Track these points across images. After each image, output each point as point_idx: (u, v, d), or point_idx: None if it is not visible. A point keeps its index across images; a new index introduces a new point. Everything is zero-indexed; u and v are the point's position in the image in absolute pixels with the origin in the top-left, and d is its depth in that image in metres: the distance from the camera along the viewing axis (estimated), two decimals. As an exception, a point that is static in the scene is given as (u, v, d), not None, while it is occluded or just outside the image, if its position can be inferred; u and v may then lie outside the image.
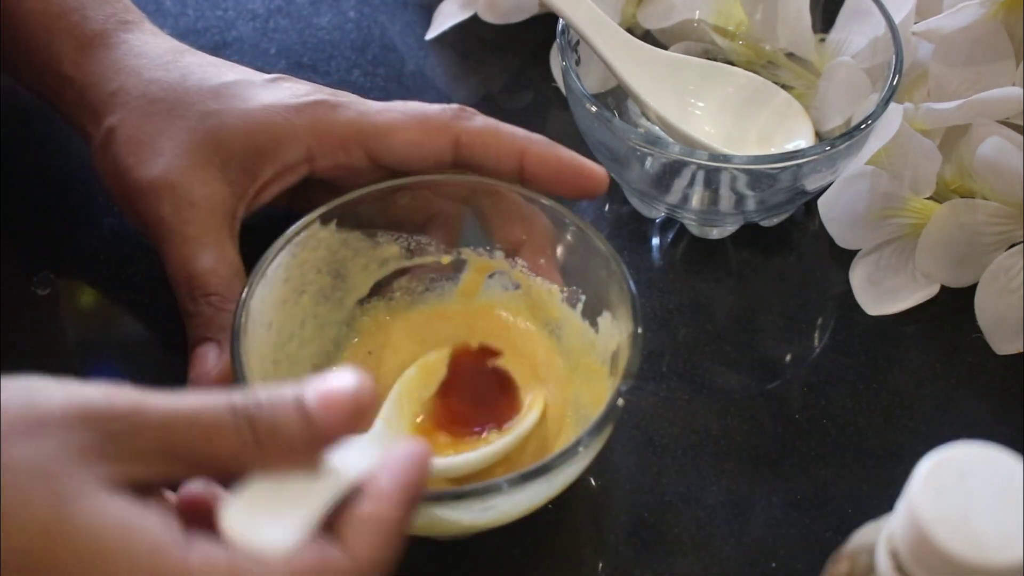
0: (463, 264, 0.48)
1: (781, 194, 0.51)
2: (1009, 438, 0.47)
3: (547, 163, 0.45)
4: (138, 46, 0.48)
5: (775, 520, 0.46)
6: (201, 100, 0.46)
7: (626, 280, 0.43)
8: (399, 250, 0.47)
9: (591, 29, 0.51)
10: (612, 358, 0.44)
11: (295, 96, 0.46)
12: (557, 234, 0.46)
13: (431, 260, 0.48)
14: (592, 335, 0.45)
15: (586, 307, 0.46)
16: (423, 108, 0.46)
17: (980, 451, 0.30)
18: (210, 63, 0.48)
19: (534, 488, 0.39)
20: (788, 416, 0.49)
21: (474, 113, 0.46)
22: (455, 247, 0.47)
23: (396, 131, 0.45)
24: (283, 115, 0.45)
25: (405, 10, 0.65)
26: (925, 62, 0.54)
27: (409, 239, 0.47)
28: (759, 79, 0.55)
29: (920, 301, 0.53)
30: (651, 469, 0.48)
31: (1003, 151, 0.49)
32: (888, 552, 0.31)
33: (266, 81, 0.47)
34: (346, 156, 0.45)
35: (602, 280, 0.44)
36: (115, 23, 0.49)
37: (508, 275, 0.47)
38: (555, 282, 0.46)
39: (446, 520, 0.39)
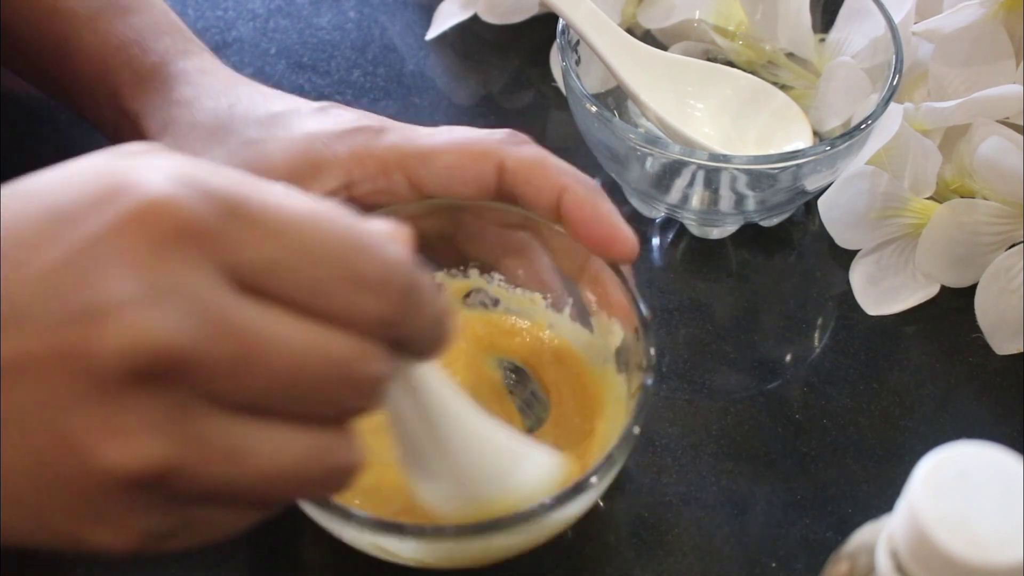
0: (440, 288, 0.47)
1: (781, 194, 0.51)
2: (1009, 438, 0.48)
3: (582, 208, 0.42)
4: (194, 76, 0.48)
5: (775, 520, 0.46)
6: (245, 128, 0.45)
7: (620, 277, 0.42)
8: None
9: (591, 29, 0.51)
10: (617, 355, 0.43)
11: (339, 123, 0.45)
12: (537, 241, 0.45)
13: None
14: (587, 336, 0.45)
15: (574, 309, 0.46)
16: (469, 132, 0.44)
17: (980, 451, 0.30)
18: (261, 93, 0.47)
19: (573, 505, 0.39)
20: (788, 416, 0.49)
21: (526, 140, 0.44)
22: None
23: (438, 155, 0.43)
24: (324, 141, 0.44)
25: (405, 10, 0.65)
26: (925, 62, 0.54)
27: None
28: (758, 81, 0.55)
29: (920, 301, 0.53)
30: (651, 469, 0.48)
31: (1003, 151, 0.49)
32: (888, 552, 0.31)
33: (314, 110, 0.46)
34: (387, 181, 0.44)
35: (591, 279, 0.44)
36: (173, 54, 0.49)
37: (486, 292, 0.47)
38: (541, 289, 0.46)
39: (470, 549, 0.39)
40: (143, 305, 0.27)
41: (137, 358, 0.27)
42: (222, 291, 0.28)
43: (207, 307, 0.27)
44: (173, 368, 0.27)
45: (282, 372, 0.29)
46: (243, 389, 0.28)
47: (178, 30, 0.50)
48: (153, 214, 0.27)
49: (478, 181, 0.43)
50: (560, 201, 0.42)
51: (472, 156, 0.43)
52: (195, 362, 0.27)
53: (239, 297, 0.28)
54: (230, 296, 0.28)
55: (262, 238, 0.28)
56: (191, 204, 0.27)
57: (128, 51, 0.48)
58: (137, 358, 0.27)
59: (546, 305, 0.46)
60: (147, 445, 0.27)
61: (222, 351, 0.28)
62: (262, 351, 0.28)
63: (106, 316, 0.27)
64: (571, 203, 0.42)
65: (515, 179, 0.43)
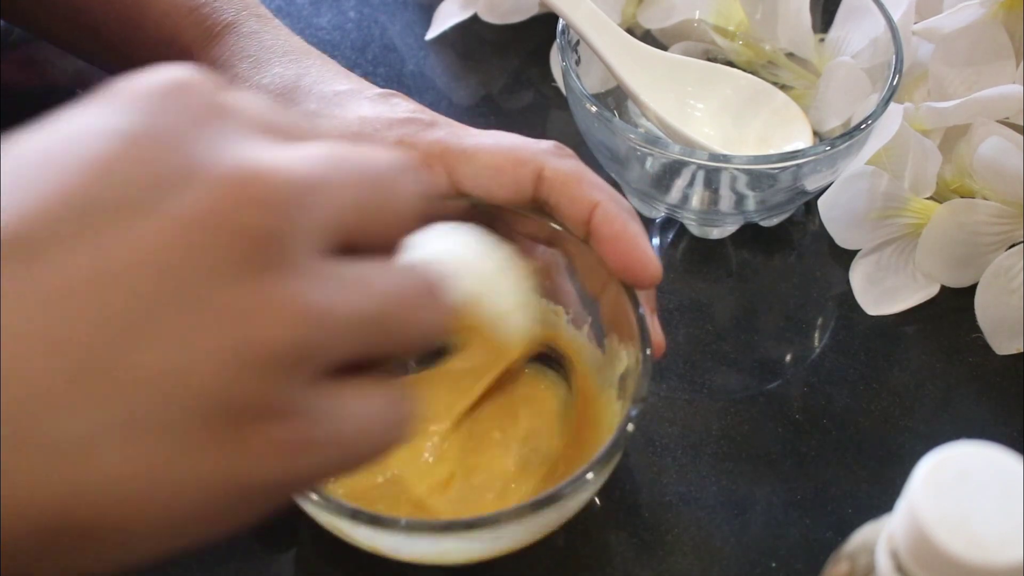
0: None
1: (781, 194, 0.51)
2: (1009, 438, 0.48)
3: (612, 225, 0.42)
4: (268, 38, 0.48)
5: (775, 520, 0.46)
6: (307, 101, 0.45)
7: (634, 303, 0.42)
8: None
9: (591, 29, 0.51)
10: (620, 381, 0.43)
11: (393, 112, 0.45)
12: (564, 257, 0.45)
13: None
14: (600, 358, 0.45)
15: (592, 328, 0.45)
16: (515, 139, 0.44)
17: (980, 451, 0.30)
18: (330, 69, 0.47)
19: (544, 516, 0.38)
20: (788, 416, 0.49)
21: (570, 154, 0.44)
22: None
23: (480, 155, 0.43)
24: (374, 127, 0.44)
25: (405, 10, 0.65)
26: (925, 62, 0.54)
27: None
28: (758, 81, 0.55)
29: (920, 301, 0.53)
30: (651, 469, 0.48)
31: (1003, 151, 0.49)
32: (888, 552, 0.31)
33: (375, 95, 0.46)
34: (428, 174, 0.44)
35: (608, 301, 0.44)
36: (247, 15, 0.49)
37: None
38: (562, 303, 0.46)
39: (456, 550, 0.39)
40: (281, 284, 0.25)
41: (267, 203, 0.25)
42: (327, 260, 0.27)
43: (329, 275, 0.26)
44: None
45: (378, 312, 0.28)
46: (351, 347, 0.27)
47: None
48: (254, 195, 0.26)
49: (516, 185, 0.43)
50: (591, 216, 0.42)
51: (513, 160, 0.43)
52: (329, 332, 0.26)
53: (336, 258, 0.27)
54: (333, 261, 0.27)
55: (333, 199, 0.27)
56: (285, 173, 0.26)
57: (200, 11, 0.49)
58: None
59: (567, 320, 0.46)
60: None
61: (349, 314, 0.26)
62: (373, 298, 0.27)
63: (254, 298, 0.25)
64: (601, 219, 0.42)
65: (551, 189, 0.43)
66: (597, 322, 0.45)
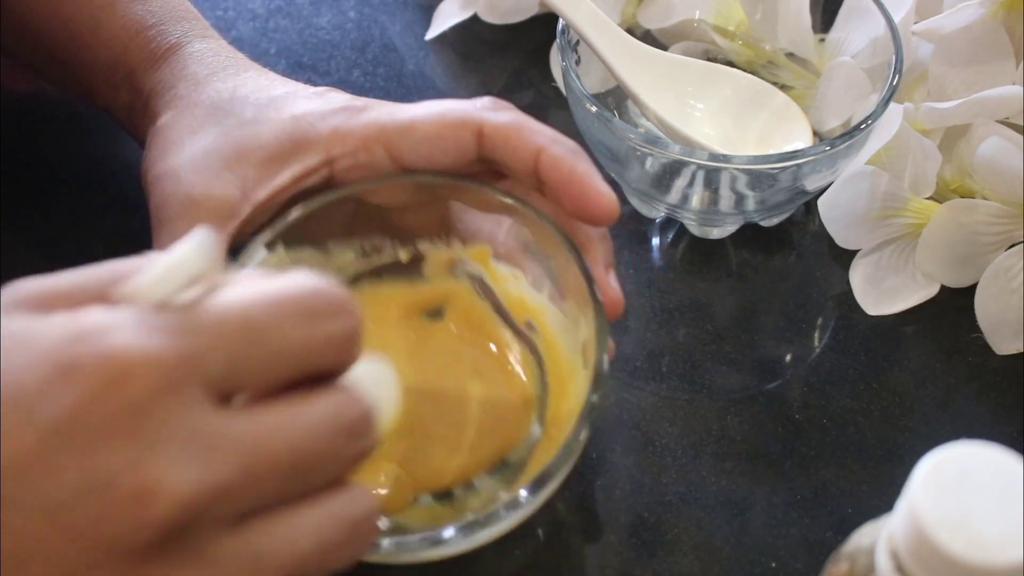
0: (422, 258, 0.47)
1: (781, 194, 0.51)
2: (1009, 438, 0.48)
3: (559, 168, 0.42)
4: (207, 56, 0.49)
5: (775, 520, 0.46)
6: (244, 110, 0.46)
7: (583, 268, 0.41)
8: (353, 255, 0.46)
9: (591, 29, 0.51)
10: (583, 348, 0.42)
11: (327, 104, 0.45)
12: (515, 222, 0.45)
13: (388, 260, 0.47)
14: (563, 320, 0.45)
15: (552, 294, 0.45)
16: (449, 103, 0.44)
17: (980, 451, 0.30)
18: (267, 78, 0.48)
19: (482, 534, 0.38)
20: (788, 416, 0.49)
21: (507, 107, 0.44)
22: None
23: (417, 126, 0.43)
24: (309, 121, 0.45)
25: (405, 10, 0.65)
26: (925, 62, 0.54)
27: (363, 241, 0.46)
28: (758, 81, 0.55)
29: (920, 301, 0.53)
30: (651, 469, 0.48)
31: (1003, 151, 0.49)
32: (888, 552, 0.31)
33: (311, 93, 0.47)
34: (367, 155, 0.44)
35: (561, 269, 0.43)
36: (190, 37, 0.50)
37: (470, 262, 0.47)
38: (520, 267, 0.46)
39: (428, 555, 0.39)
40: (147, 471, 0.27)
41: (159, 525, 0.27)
42: (208, 418, 0.28)
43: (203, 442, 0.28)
44: (191, 516, 0.27)
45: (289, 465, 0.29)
46: (255, 498, 0.29)
47: (195, 17, 0.51)
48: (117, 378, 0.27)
49: (457, 149, 0.43)
50: (537, 162, 0.42)
51: (451, 125, 0.43)
52: (210, 500, 0.27)
53: (224, 415, 0.28)
54: (216, 419, 0.28)
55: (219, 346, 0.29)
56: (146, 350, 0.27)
57: (147, 33, 0.49)
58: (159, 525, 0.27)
59: (528, 283, 0.46)
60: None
61: (231, 477, 0.28)
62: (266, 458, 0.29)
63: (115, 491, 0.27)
64: (547, 163, 0.42)
65: (494, 145, 0.43)
66: (557, 286, 0.45)
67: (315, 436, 0.30)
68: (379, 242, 0.47)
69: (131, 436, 0.27)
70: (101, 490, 0.27)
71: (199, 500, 0.27)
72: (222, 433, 0.28)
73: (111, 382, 0.27)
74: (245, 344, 0.29)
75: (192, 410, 0.28)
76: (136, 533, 0.27)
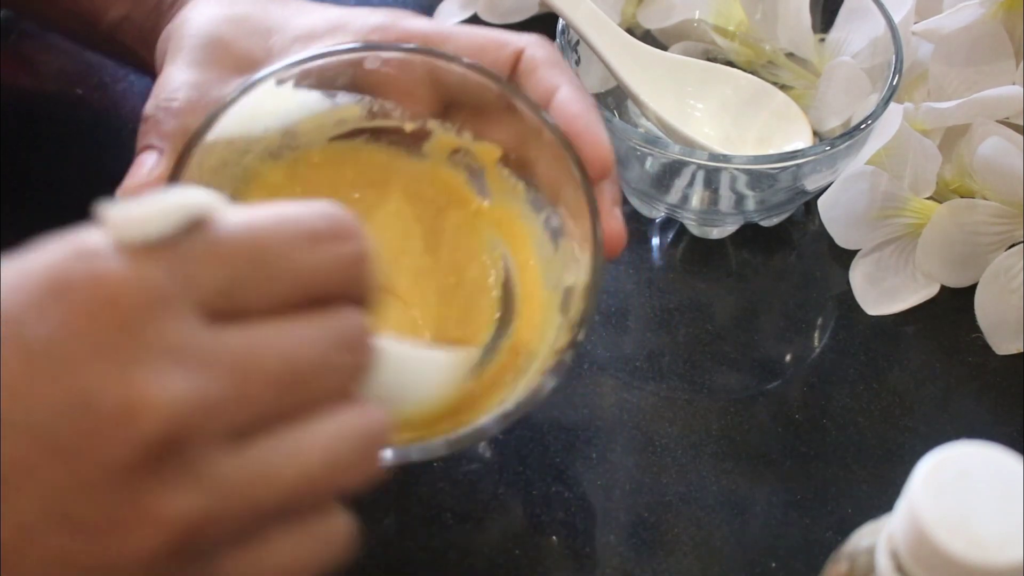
0: (427, 135, 0.45)
1: (781, 194, 0.51)
2: (1009, 438, 0.48)
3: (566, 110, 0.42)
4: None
5: (775, 520, 0.46)
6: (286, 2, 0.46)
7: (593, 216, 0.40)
8: (360, 111, 0.45)
9: (591, 29, 0.51)
10: (566, 293, 0.42)
11: (376, 9, 0.46)
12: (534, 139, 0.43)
13: (393, 124, 0.45)
14: (550, 253, 0.44)
15: (549, 220, 0.44)
16: (491, 29, 0.45)
17: (980, 451, 0.30)
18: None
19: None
20: (788, 416, 0.49)
21: (549, 45, 0.44)
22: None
23: (461, 36, 0.44)
24: (353, 15, 0.45)
25: (405, 10, 0.65)
26: (925, 62, 0.54)
27: (373, 102, 0.45)
28: (758, 81, 0.55)
29: (920, 301, 0.53)
30: (651, 469, 0.48)
31: (1003, 151, 0.49)
32: (888, 552, 0.31)
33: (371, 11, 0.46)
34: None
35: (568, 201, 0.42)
36: None
37: (474, 156, 0.45)
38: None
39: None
40: (132, 385, 0.26)
41: (147, 441, 0.26)
42: (198, 333, 0.27)
43: (192, 356, 0.27)
44: (181, 432, 0.27)
45: (283, 376, 0.28)
46: (251, 413, 0.28)
47: None
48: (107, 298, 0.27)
49: (495, 65, 0.43)
50: (551, 99, 0.42)
51: (494, 41, 0.43)
52: (200, 414, 0.27)
53: (216, 329, 0.28)
54: (208, 333, 0.28)
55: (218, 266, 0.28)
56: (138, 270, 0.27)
57: None
58: (147, 441, 0.26)
59: (526, 199, 0.45)
60: (172, 516, 0.27)
61: (221, 390, 0.27)
62: (258, 369, 0.28)
63: (100, 407, 0.26)
64: (559, 101, 0.42)
65: (524, 72, 0.43)
66: (556, 216, 0.44)
67: (308, 345, 0.29)
68: (390, 107, 0.45)
69: (118, 353, 0.26)
70: (87, 407, 0.26)
71: (187, 414, 0.26)
72: (211, 347, 0.27)
73: (101, 301, 0.27)
74: (247, 265, 0.29)
75: (182, 327, 0.27)
76: (123, 450, 0.26)
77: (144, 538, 0.27)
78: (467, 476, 0.47)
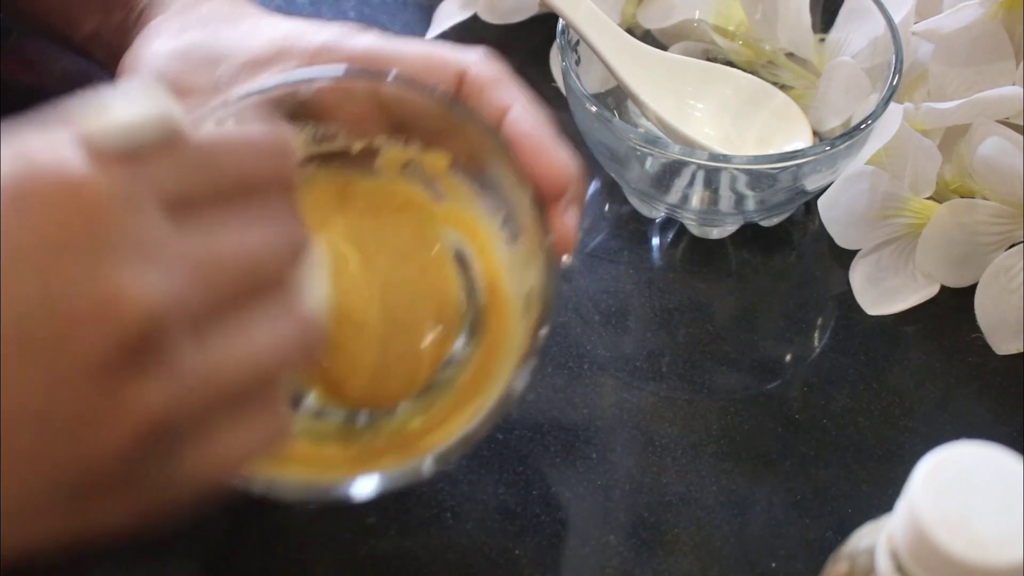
0: (376, 152, 0.45)
1: (781, 194, 0.51)
2: (1009, 438, 0.48)
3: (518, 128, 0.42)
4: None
5: (775, 520, 0.46)
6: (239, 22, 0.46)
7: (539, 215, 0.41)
8: (305, 138, 0.45)
9: (591, 29, 0.51)
10: (527, 295, 0.42)
11: (324, 25, 0.46)
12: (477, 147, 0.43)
13: (341, 147, 0.45)
14: (509, 254, 0.44)
15: (505, 222, 0.44)
16: (442, 45, 0.44)
17: (980, 451, 0.30)
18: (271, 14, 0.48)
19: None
20: (788, 416, 0.49)
21: (495, 61, 0.44)
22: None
23: (405, 57, 0.43)
24: (299, 33, 0.45)
25: (405, 10, 0.65)
26: (925, 62, 0.54)
27: (316, 128, 0.45)
28: (758, 81, 0.55)
29: (920, 301, 0.53)
30: (651, 469, 0.48)
31: (1003, 151, 0.49)
32: (888, 552, 0.31)
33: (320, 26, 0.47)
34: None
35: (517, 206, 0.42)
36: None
37: (424, 167, 0.45)
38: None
39: None
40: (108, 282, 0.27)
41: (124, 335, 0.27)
42: (164, 230, 0.28)
43: (160, 253, 0.28)
44: (155, 326, 0.27)
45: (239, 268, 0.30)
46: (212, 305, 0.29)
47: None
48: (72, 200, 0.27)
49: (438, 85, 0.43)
50: (503, 119, 0.42)
51: (438, 62, 0.43)
52: (173, 309, 0.28)
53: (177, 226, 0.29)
54: (172, 230, 0.29)
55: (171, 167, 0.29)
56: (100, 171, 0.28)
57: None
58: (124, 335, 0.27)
59: (482, 202, 0.44)
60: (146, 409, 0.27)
61: (190, 285, 0.28)
62: (218, 264, 0.29)
63: (76, 305, 0.26)
64: (511, 121, 0.42)
65: (470, 91, 0.43)
66: (512, 217, 0.43)
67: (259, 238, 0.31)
68: (333, 130, 0.45)
69: (90, 252, 0.27)
70: (61, 305, 0.26)
71: (162, 309, 0.27)
72: (177, 244, 0.28)
73: (69, 202, 0.27)
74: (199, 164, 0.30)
75: (148, 225, 0.28)
76: (101, 346, 0.27)
77: (119, 432, 0.27)
78: (467, 476, 0.47)
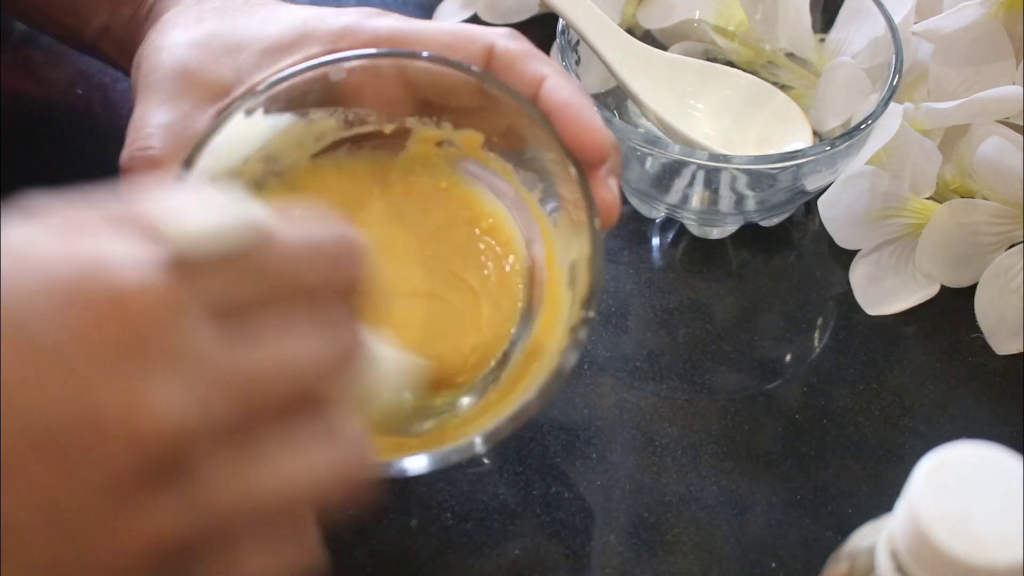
0: (408, 133, 0.45)
1: (781, 194, 0.51)
2: (1009, 438, 0.48)
3: (556, 98, 0.41)
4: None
5: (775, 520, 0.46)
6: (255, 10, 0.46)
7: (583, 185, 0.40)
8: (336, 123, 0.44)
9: (591, 29, 0.51)
10: (571, 268, 0.41)
11: (344, 9, 0.45)
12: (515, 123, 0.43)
13: (372, 129, 0.45)
14: (552, 228, 0.43)
15: (543, 199, 0.44)
16: (465, 24, 0.44)
17: (980, 451, 0.30)
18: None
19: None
20: (788, 416, 0.49)
21: (521, 37, 0.44)
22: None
23: (430, 35, 0.43)
24: (320, 17, 0.44)
25: (405, 10, 0.65)
26: (925, 62, 0.54)
27: (347, 112, 0.44)
28: (758, 81, 0.55)
29: (920, 301, 0.53)
30: (651, 469, 0.48)
31: (1003, 151, 0.49)
32: (888, 552, 0.31)
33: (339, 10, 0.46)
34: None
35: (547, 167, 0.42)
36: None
37: (458, 146, 0.45)
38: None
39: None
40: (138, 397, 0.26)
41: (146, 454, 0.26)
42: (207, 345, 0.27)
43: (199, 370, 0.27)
44: (179, 448, 0.27)
45: (284, 395, 0.29)
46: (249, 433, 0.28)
47: None
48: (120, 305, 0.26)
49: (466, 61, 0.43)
50: (539, 90, 0.42)
51: (464, 38, 0.43)
52: (201, 432, 0.27)
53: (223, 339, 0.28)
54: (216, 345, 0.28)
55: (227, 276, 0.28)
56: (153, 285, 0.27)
57: None
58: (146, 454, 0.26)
59: (519, 180, 0.44)
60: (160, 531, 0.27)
61: (226, 409, 0.27)
62: (262, 390, 0.28)
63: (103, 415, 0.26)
64: (548, 91, 0.41)
65: (501, 66, 0.42)
66: (550, 193, 0.43)
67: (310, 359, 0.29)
68: (364, 113, 0.45)
69: (122, 361, 0.26)
70: (86, 410, 0.26)
71: (189, 431, 0.26)
72: (219, 362, 0.27)
73: (114, 309, 0.26)
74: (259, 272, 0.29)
75: (192, 338, 0.27)
76: (122, 461, 0.26)
77: (127, 547, 0.27)
78: (467, 476, 0.47)
